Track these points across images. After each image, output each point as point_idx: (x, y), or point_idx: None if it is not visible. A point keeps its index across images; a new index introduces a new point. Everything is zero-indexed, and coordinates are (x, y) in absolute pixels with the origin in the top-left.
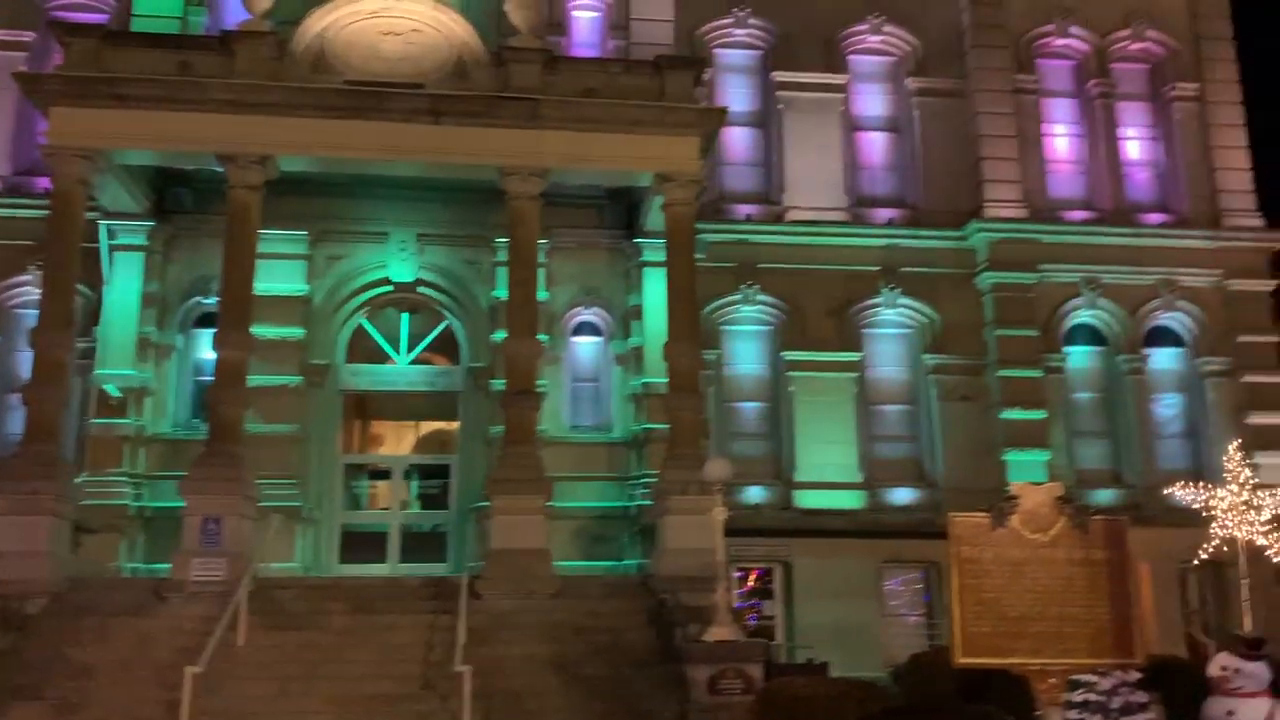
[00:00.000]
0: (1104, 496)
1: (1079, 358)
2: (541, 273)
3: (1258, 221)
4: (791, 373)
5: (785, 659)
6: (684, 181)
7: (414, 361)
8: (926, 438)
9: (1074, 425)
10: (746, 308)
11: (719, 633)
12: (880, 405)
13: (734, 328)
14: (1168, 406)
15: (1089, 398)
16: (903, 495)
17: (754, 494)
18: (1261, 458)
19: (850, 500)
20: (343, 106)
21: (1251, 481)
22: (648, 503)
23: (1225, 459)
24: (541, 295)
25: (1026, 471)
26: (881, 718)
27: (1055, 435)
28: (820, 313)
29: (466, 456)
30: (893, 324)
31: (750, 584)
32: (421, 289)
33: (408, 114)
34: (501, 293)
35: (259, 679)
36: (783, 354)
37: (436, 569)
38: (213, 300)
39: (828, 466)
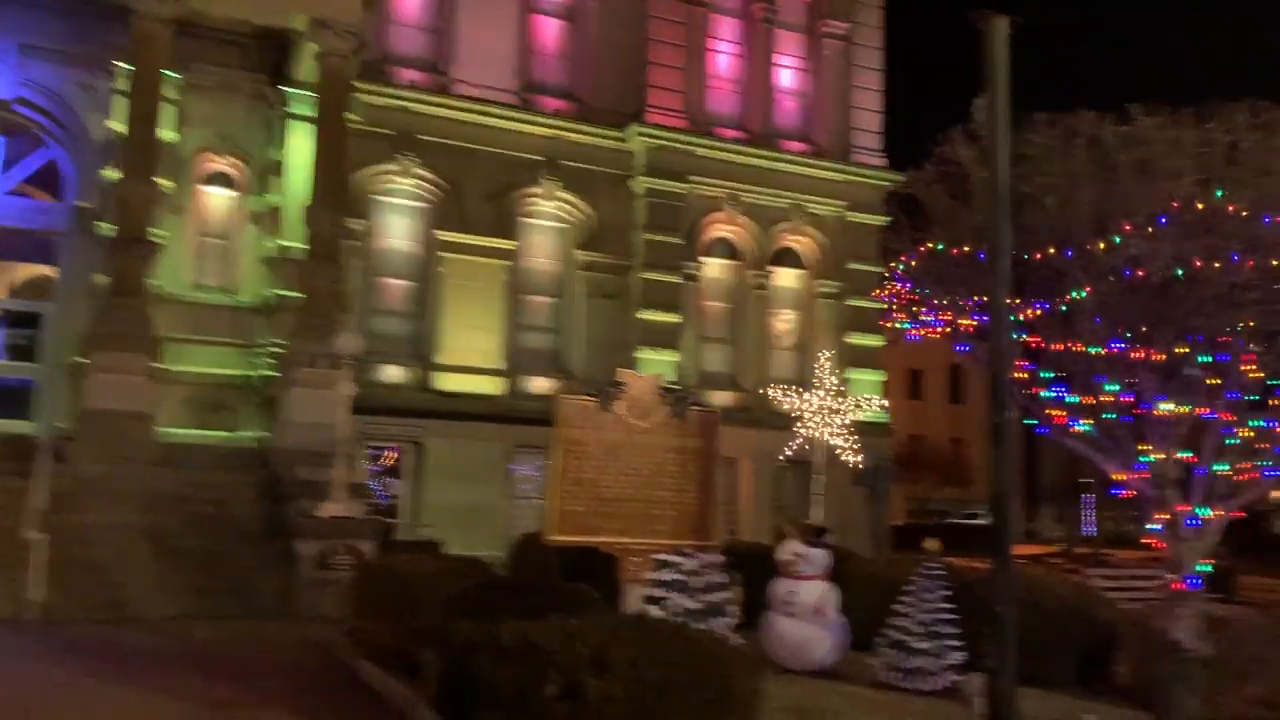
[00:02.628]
0: (722, 398)
1: (714, 268)
2: (171, 111)
3: (881, 160)
4: (443, 253)
5: (410, 538)
6: (341, 31)
7: (9, 193)
8: (569, 331)
9: (703, 331)
10: (402, 180)
11: (333, 509)
12: (529, 295)
13: (387, 199)
14: (784, 321)
15: (718, 307)
16: (540, 384)
17: (393, 373)
18: (854, 373)
19: (489, 386)
20: None
21: (835, 388)
22: (273, 373)
23: (816, 365)
24: (168, 135)
25: (657, 370)
26: (475, 592)
27: (686, 339)
28: (479, 196)
29: (64, 306)
30: (549, 216)
31: (383, 463)
32: (21, 108)
33: None
34: (119, 125)
35: None
36: (436, 233)
37: (20, 427)
38: None
39: (471, 351)
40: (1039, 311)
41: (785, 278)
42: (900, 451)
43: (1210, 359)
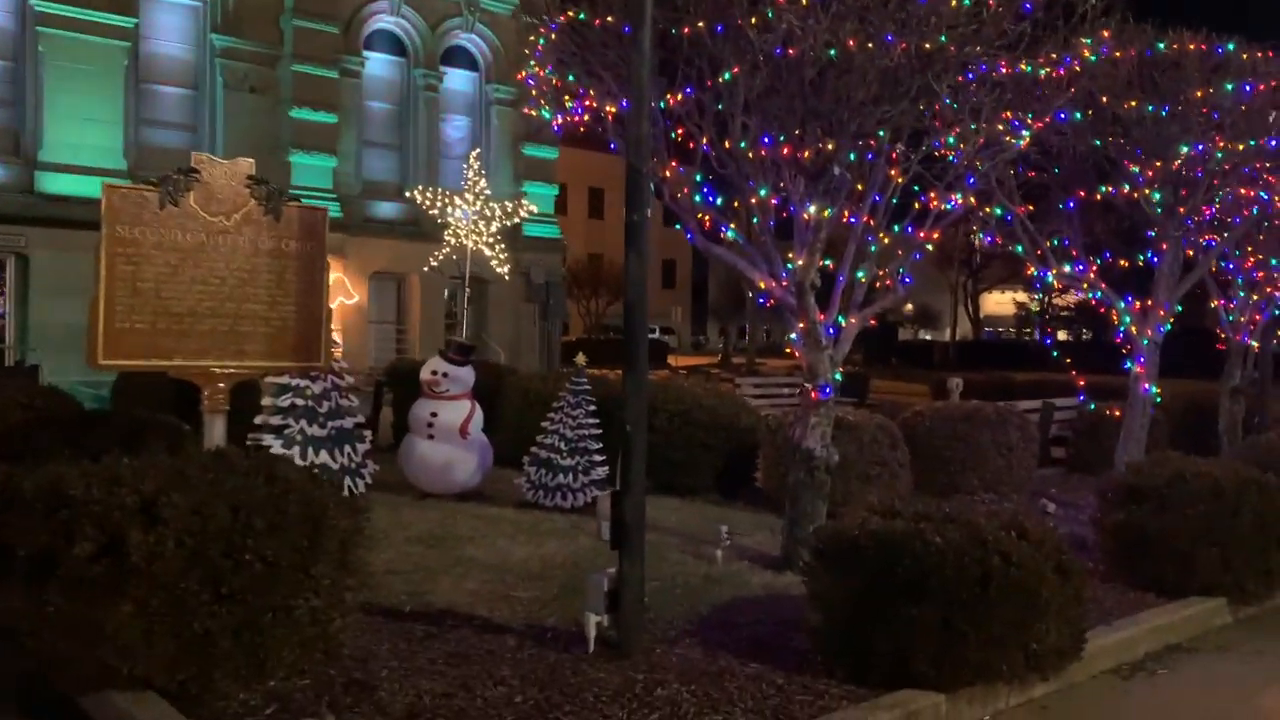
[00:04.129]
0: (388, 209)
1: (378, 65)
2: None
3: None
4: (45, 29)
5: (12, 362)
6: None
7: None
8: (208, 128)
9: (365, 135)
10: None
11: None
12: (156, 85)
13: None
14: (456, 128)
15: (383, 108)
16: None
17: None
18: (529, 186)
19: None
20: None
21: (485, 194)
22: None
23: (465, 168)
24: None
25: (313, 176)
26: (21, 427)
27: (346, 142)
28: None
29: None
30: None
31: None
32: None
33: None
34: None
35: None
36: (33, 3)
37: None
38: None
39: (84, 149)
40: (683, 96)
41: (457, 80)
42: (579, 269)
43: (856, 157)
